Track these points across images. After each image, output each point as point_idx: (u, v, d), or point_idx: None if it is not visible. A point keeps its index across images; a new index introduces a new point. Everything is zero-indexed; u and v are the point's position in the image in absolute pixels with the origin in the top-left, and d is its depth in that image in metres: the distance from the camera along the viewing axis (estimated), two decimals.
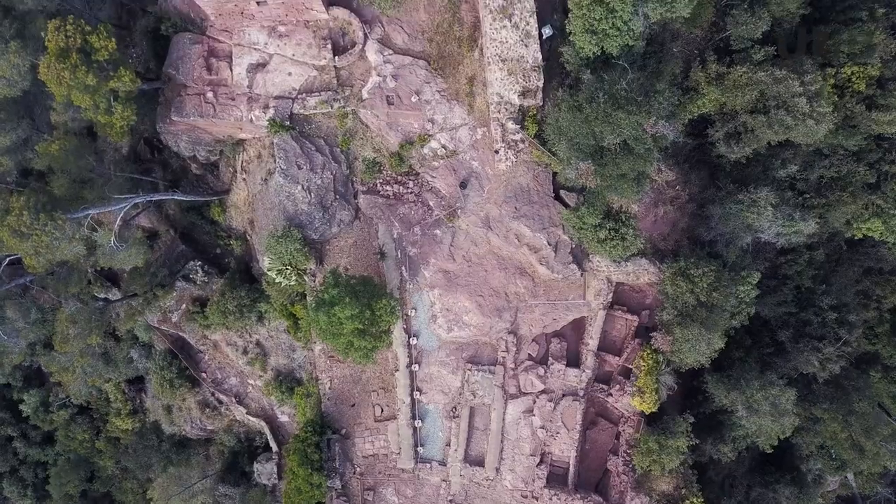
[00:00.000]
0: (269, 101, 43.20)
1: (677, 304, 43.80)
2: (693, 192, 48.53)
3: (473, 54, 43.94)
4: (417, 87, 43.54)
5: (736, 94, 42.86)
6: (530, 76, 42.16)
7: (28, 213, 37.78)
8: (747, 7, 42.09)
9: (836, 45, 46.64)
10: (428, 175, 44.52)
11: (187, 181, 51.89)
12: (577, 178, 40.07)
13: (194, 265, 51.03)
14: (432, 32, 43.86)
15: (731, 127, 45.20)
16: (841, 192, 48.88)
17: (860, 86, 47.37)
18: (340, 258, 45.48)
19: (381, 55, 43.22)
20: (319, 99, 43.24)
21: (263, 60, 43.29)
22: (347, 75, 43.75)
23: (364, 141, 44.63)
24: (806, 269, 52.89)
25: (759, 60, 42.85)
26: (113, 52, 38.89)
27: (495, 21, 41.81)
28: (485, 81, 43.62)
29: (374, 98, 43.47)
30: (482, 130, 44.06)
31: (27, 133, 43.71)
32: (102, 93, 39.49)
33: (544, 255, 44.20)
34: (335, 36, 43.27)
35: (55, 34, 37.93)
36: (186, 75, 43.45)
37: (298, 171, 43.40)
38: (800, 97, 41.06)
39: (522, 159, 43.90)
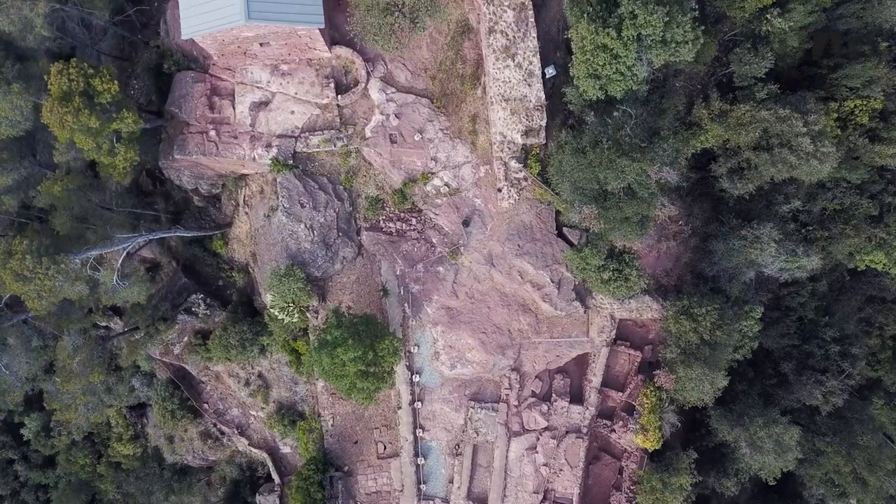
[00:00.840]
0: (271, 139, 43.15)
1: (681, 343, 43.74)
2: (696, 225, 48.51)
3: (476, 92, 43.94)
4: (420, 126, 43.51)
5: (739, 131, 42.91)
6: (533, 116, 42.15)
7: (31, 256, 37.73)
8: (750, 47, 42.12)
9: (839, 79, 46.76)
10: (431, 212, 44.47)
11: (189, 213, 51.86)
12: (581, 222, 40.01)
13: (196, 298, 50.93)
14: (435, 70, 43.85)
15: (735, 163, 45.25)
16: (844, 225, 48.93)
17: (863, 118, 47.50)
18: (343, 295, 45.40)
19: (384, 93, 43.19)
20: (322, 138, 43.20)
21: (266, 99, 43.26)
22: (350, 114, 43.72)
23: (367, 178, 44.59)
24: (809, 301, 52.93)
25: (763, 98, 42.89)
26: (115, 95, 38.84)
27: (498, 61, 41.83)
28: (487, 120, 43.62)
29: (377, 136, 43.45)
30: (485, 168, 44.03)
31: (29, 171, 43.66)
32: (105, 134, 39.45)
33: (547, 293, 44.13)
34: (338, 74, 43.24)
35: (58, 77, 37.89)
36: (189, 114, 43.41)
37: (301, 210, 43.35)
38: (803, 137, 41.04)
39: (525, 197, 43.87)
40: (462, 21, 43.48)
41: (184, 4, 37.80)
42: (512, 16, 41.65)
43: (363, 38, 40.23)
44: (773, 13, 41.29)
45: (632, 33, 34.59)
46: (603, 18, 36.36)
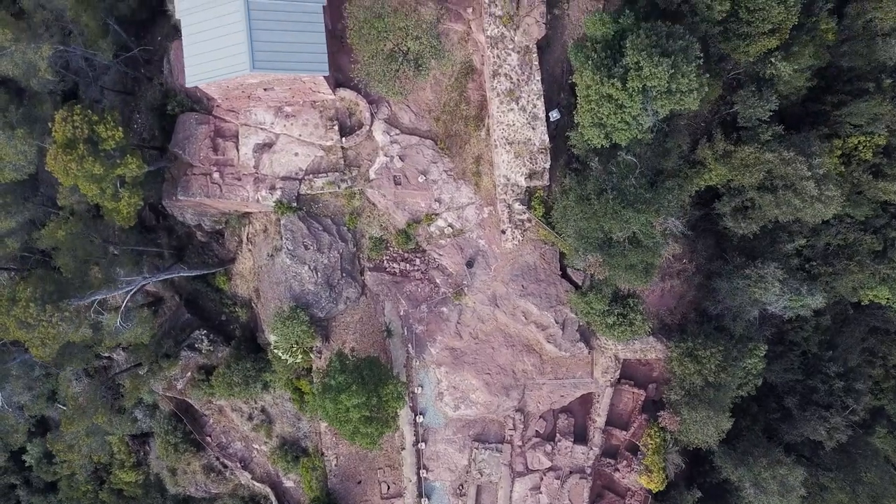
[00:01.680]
0: (275, 181, 43.10)
1: (685, 385, 43.70)
2: (700, 263, 48.47)
3: (480, 133, 43.90)
4: (424, 167, 43.48)
5: (743, 172, 42.93)
6: (537, 158, 42.11)
7: (34, 304, 37.64)
8: (755, 89, 42.09)
9: (843, 116, 46.76)
10: (435, 253, 44.42)
11: (192, 247, 51.77)
12: (586, 269, 39.96)
13: (199, 334, 50.81)
14: (439, 111, 43.82)
15: (739, 201, 45.26)
16: (848, 261, 48.89)
17: (867, 154, 47.52)
18: (346, 335, 45.33)
19: (388, 135, 43.16)
20: (327, 180, 43.16)
21: (270, 140, 43.21)
22: (354, 155, 43.69)
23: (371, 219, 44.54)
24: (813, 335, 52.89)
25: (767, 140, 42.84)
26: (120, 141, 38.78)
27: (502, 104, 41.80)
28: (491, 161, 43.60)
29: (381, 178, 43.40)
30: (489, 209, 43.98)
31: (33, 213, 43.62)
32: (109, 179, 39.39)
33: (552, 333, 44.07)
34: (342, 116, 43.20)
35: (62, 125, 37.82)
36: (192, 155, 43.37)
37: (305, 252, 43.29)
38: (808, 180, 41.01)
39: (529, 238, 43.83)
40: (466, 62, 43.48)
41: (188, 52, 37.73)
42: (516, 59, 41.63)
43: (367, 84, 40.22)
44: (777, 56, 41.32)
45: (637, 85, 34.57)
46: (607, 67, 36.38)
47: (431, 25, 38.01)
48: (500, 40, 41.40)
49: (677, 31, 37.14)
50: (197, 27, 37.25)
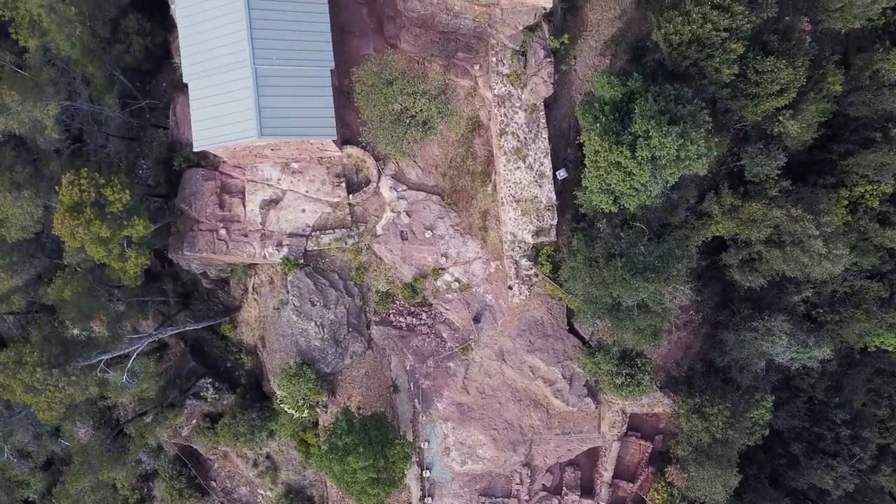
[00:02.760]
0: (282, 238, 43.01)
1: (692, 441, 43.62)
2: (706, 312, 48.40)
3: (486, 189, 43.84)
4: (431, 223, 43.40)
5: (751, 227, 42.86)
6: (544, 216, 42.05)
7: (41, 369, 37.56)
8: (762, 147, 41.99)
9: (850, 166, 46.75)
10: (441, 307, 44.32)
11: (198, 294, 51.63)
12: (595, 333, 39.87)
13: (205, 383, 50.69)
14: (446, 167, 43.74)
15: (746, 254, 45.19)
16: (854, 309, 48.88)
17: (873, 202, 47.49)
18: (353, 389, 45.20)
19: (395, 191, 43.08)
20: (334, 237, 43.06)
21: (277, 197, 43.13)
22: (361, 211, 43.61)
23: (377, 273, 44.43)
24: (819, 382, 52.78)
25: (774, 195, 42.78)
26: (127, 203, 38.69)
27: (509, 162, 41.75)
28: (498, 216, 43.52)
29: (388, 234, 43.33)
30: (495, 264, 43.90)
31: (39, 269, 43.52)
32: (116, 240, 39.30)
33: (559, 388, 43.97)
34: (349, 173, 43.13)
35: (69, 189, 37.73)
36: (199, 211, 43.28)
37: (312, 308, 43.20)
38: (816, 239, 40.94)
39: (536, 292, 43.74)
40: (473, 118, 43.40)
41: (195, 116, 37.67)
42: (523, 117, 41.58)
43: (375, 145, 40.19)
44: (785, 115, 41.27)
45: (646, 154, 34.50)
46: (616, 133, 36.32)
47: (439, 91, 37.95)
48: (507, 99, 41.35)
49: (685, 95, 37.15)
50: (204, 92, 37.18)
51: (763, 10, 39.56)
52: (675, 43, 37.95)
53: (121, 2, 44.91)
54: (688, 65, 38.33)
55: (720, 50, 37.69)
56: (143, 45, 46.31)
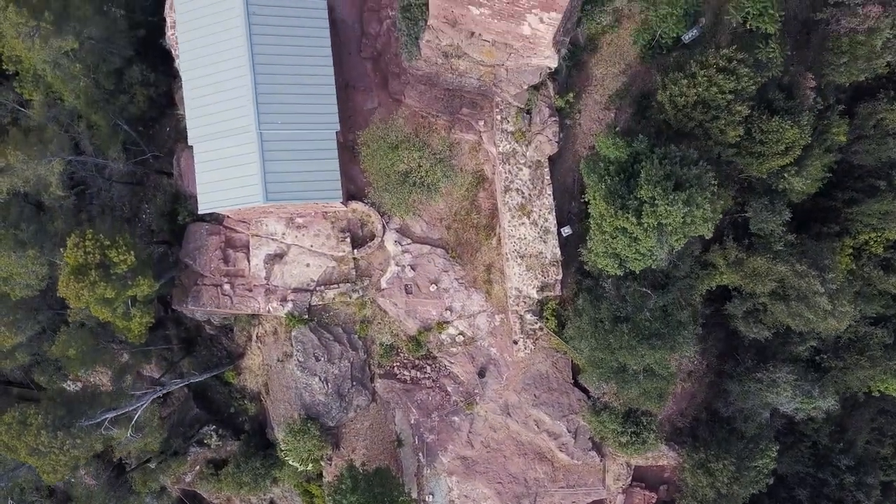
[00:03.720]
0: (286, 293, 42.98)
1: (697, 496, 43.55)
2: (711, 360, 48.35)
3: (491, 242, 43.80)
4: (436, 276, 43.37)
5: (755, 280, 42.82)
6: (549, 271, 42.01)
7: (46, 432, 37.47)
8: (767, 202, 41.95)
9: (855, 215, 46.75)
10: (446, 360, 44.27)
11: (201, 340, 51.62)
12: (600, 397, 39.85)
13: (208, 430, 50.63)
14: (450, 220, 43.71)
15: (751, 304, 45.16)
16: (859, 356, 48.81)
17: (877, 249, 47.47)
18: (357, 441, 45.13)
19: (400, 245, 43.06)
20: (338, 291, 43.03)
21: (281, 251, 43.10)
22: (366, 265, 43.58)
23: (382, 326, 44.40)
24: (823, 427, 52.75)
25: (779, 249, 42.73)
26: (132, 264, 38.64)
27: (514, 218, 41.72)
28: (502, 269, 43.48)
29: (392, 287, 43.29)
30: (500, 317, 43.86)
31: (43, 324, 43.48)
32: (120, 300, 39.26)
33: (564, 442, 43.89)
34: (354, 227, 43.11)
35: (74, 251, 37.68)
36: (203, 266, 43.24)
37: (316, 364, 43.17)
38: (821, 296, 40.89)
39: (541, 346, 43.67)
40: (477, 172, 43.40)
41: (200, 179, 37.66)
42: (528, 174, 41.56)
43: (380, 207, 40.20)
44: (790, 171, 41.27)
45: (652, 221, 34.45)
46: (621, 196, 36.26)
47: (444, 156, 37.97)
48: (511, 155, 41.34)
49: (691, 156, 37.12)
50: (209, 155, 37.18)
51: (768, 70, 39.64)
52: (680, 105, 37.94)
53: (125, 53, 44.99)
54: (693, 126, 38.31)
55: (725, 111, 37.69)
56: (147, 95, 46.40)
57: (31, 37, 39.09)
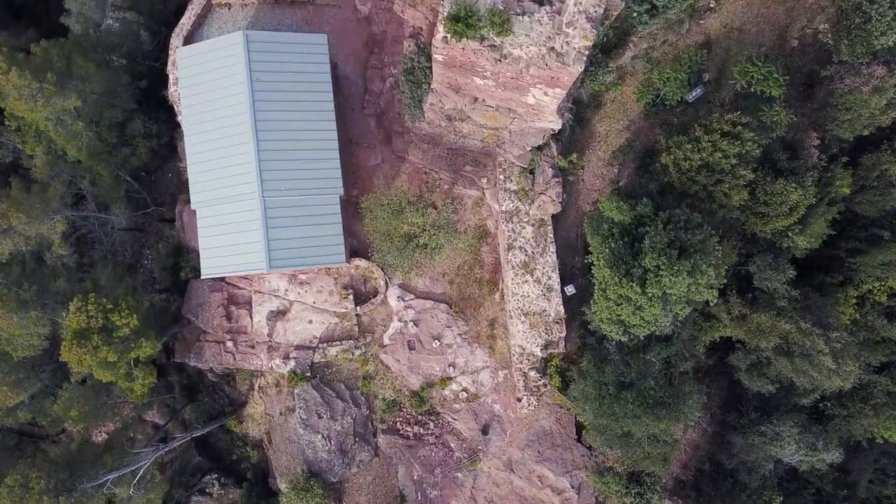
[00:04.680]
0: (289, 350, 42.85)
1: None
2: (714, 411, 48.20)
3: (494, 296, 43.69)
4: (439, 332, 43.25)
5: (759, 336, 42.75)
6: (553, 329, 41.89)
7: (48, 497, 37.33)
8: (771, 260, 41.85)
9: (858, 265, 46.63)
10: (449, 416, 44.14)
11: (203, 386, 51.48)
12: (603, 461, 39.73)
13: (211, 478, 50.40)
14: (453, 275, 43.59)
15: (754, 357, 45.06)
16: (863, 405, 48.71)
17: (881, 297, 47.34)
18: (360, 496, 44.98)
19: (403, 300, 42.93)
20: (341, 348, 42.91)
21: (284, 308, 42.97)
22: (369, 321, 43.45)
23: (384, 381, 44.27)
24: (827, 474, 52.60)
25: (783, 305, 42.63)
26: (134, 327, 38.52)
27: (517, 276, 41.60)
28: (505, 325, 43.36)
29: (395, 343, 43.17)
30: (504, 373, 43.74)
31: (45, 381, 43.35)
32: (123, 362, 39.14)
33: (567, 497, 43.72)
34: (356, 283, 42.99)
35: (76, 315, 37.56)
36: (206, 323, 43.12)
37: (319, 421, 43.03)
38: (825, 356, 40.79)
39: (545, 402, 43.54)
40: (480, 226, 43.31)
41: (203, 244, 37.53)
42: (531, 232, 41.47)
43: (383, 265, 40.10)
44: (794, 230, 41.18)
45: (657, 292, 34.36)
46: (625, 261, 36.15)
47: (448, 221, 37.89)
48: (514, 214, 41.25)
49: (695, 220, 37.05)
50: (212, 220, 37.04)
51: (773, 131, 39.58)
52: (684, 168, 37.89)
53: (127, 106, 44.89)
54: (697, 189, 38.22)
55: (730, 175, 37.62)
56: (149, 147, 46.30)
57: (33, 98, 39.01)
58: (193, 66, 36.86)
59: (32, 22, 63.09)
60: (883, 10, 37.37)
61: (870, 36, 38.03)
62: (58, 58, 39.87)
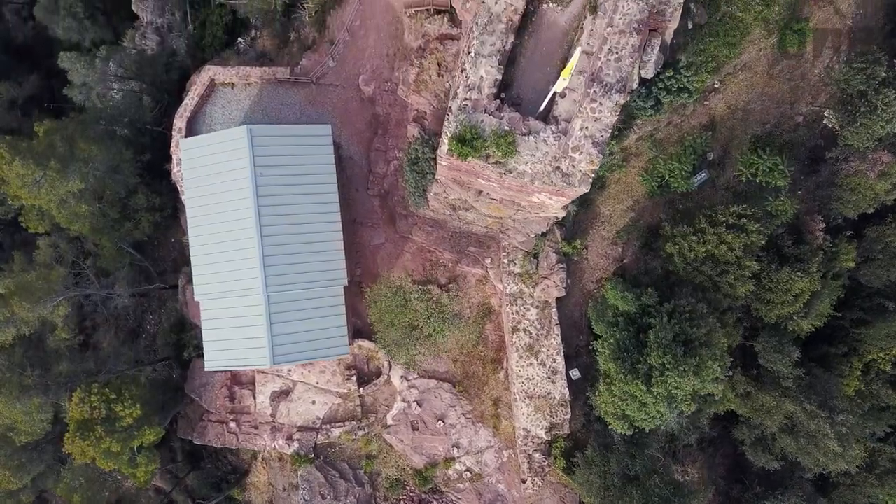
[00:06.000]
0: (292, 430, 42.74)
1: None
2: (719, 484, 47.97)
3: (498, 375, 43.55)
4: (442, 412, 43.11)
5: (764, 415, 42.64)
6: (557, 412, 41.74)
7: None
8: (776, 343, 41.68)
9: (863, 337, 46.47)
10: (453, 495, 43.98)
11: (206, 452, 51.32)
12: None
13: None
14: (457, 353, 43.45)
15: (759, 432, 44.91)
16: (867, 474, 48.48)
17: (885, 366, 47.16)
18: None
19: (406, 380, 42.81)
20: (344, 430, 42.77)
21: (287, 388, 42.84)
22: (372, 401, 43.33)
23: (388, 460, 44.12)
24: None
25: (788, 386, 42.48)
26: (137, 416, 38.41)
27: (522, 359, 41.45)
28: (510, 404, 43.21)
29: (398, 424, 43.03)
30: (508, 452, 43.57)
31: (48, 462, 43.22)
32: (126, 450, 39.03)
33: None
34: (360, 363, 42.88)
35: (79, 407, 37.50)
36: (209, 403, 43.02)
37: (322, 501, 42.86)
38: (830, 440, 40.64)
39: (549, 481, 43.36)
40: (484, 304, 43.18)
41: (207, 336, 37.42)
42: (535, 314, 41.33)
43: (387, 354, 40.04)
44: (799, 314, 41.03)
45: (662, 391, 34.23)
46: (630, 354, 36.04)
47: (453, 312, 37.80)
48: (518, 297, 41.12)
49: (700, 311, 36.94)
50: (216, 313, 36.93)
51: (778, 218, 39.47)
52: (689, 259, 37.74)
53: (130, 181, 44.81)
54: (702, 279, 38.09)
55: (735, 266, 37.48)
56: (152, 221, 46.21)
57: (37, 185, 38.91)
58: (196, 157, 36.75)
59: (34, 66, 63.18)
60: (889, 100, 37.26)
61: (875, 125, 37.90)
62: (61, 143, 39.81)
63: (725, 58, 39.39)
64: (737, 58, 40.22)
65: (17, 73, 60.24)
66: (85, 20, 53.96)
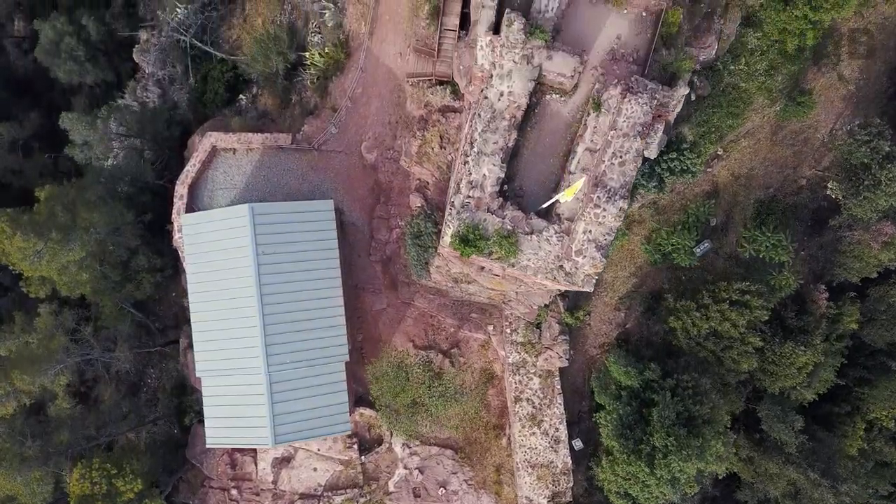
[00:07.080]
0: (294, 498, 42.54)
1: None
2: None
3: (501, 441, 43.36)
4: (444, 479, 42.92)
5: (766, 481, 42.49)
6: (560, 480, 41.54)
7: None
8: (779, 412, 41.50)
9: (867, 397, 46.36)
10: None
11: None
12: None
13: None
14: (459, 419, 43.22)
15: (762, 496, 44.80)
16: None
17: (888, 423, 47.02)
18: None
19: (408, 447, 42.62)
20: (346, 497, 42.58)
21: (288, 455, 42.65)
22: (373, 468, 43.14)
23: None
24: None
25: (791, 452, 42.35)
26: (139, 490, 38.26)
27: (524, 428, 41.29)
28: (512, 471, 43.02)
29: (400, 491, 42.85)
30: None
31: None
32: None
33: None
34: (361, 430, 42.71)
35: (80, 483, 37.34)
36: (210, 470, 42.86)
37: None
38: None
39: None
40: (486, 370, 43.02)
41: (208, 413, 37.28)
42: (538, 383, 41.16)
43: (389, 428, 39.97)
44: (802, 385, 40.88)
45: (665, 474, 34.08)
46: (633, 432, 35.93)
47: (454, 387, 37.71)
48: (521, 366, 40.96)
49: (703, 386, 36.84)
50: (217, 391, 36.79)
51: (780, 291, 39.34)
52: (692, 334, 37.61)
53: (130, 244, 44.69)
54: (706, 354, 37.96)
55: (738, 342, 37.34)
56: (153, 282, 46.07)
57: (38, 257, 38.82)
58: (198, 234, 36.63)
59: (35, 100, 63.07)
60: (893, 175, 37.13)
61: (879, 199, 37.77)
62: (61, 212, 39.72)
63: (728, 128, 39.27)
64: (740, 127, 40.13)
65: (17, 108, 60.10)
66: (86, 62, 53.78)
